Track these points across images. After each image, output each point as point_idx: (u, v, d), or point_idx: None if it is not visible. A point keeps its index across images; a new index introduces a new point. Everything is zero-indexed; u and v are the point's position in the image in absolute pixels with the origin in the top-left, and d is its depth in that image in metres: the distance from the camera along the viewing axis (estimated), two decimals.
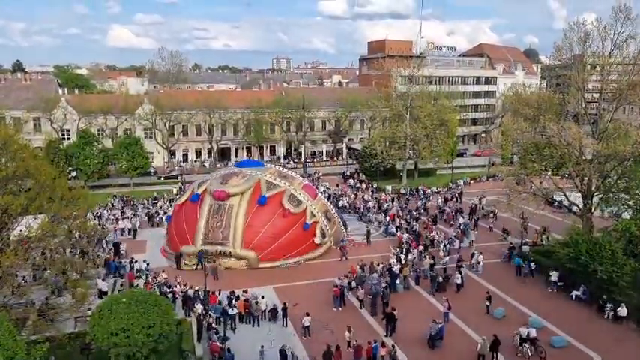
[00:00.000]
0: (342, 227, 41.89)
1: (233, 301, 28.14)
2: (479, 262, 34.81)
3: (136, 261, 35.09)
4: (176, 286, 30.45)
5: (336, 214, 41.67)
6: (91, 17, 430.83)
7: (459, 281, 32.02)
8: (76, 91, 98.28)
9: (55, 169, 30.92)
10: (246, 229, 35.50)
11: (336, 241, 39.42)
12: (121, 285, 32.03)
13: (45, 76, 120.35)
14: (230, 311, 27.14)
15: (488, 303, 28.89)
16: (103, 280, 31.77)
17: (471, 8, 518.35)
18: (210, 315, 26.67)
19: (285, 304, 28.03)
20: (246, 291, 29.38)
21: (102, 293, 29.83)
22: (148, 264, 34.66)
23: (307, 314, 26.28)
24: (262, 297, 28.51)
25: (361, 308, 29.52)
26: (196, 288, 29.73)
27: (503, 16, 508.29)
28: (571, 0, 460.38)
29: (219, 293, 29.20)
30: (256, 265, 35.06)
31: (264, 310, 28.01)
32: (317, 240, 37.43)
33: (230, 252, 35.04)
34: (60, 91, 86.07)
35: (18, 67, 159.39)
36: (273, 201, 36.84)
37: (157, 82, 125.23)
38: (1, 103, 70.42)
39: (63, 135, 72.94)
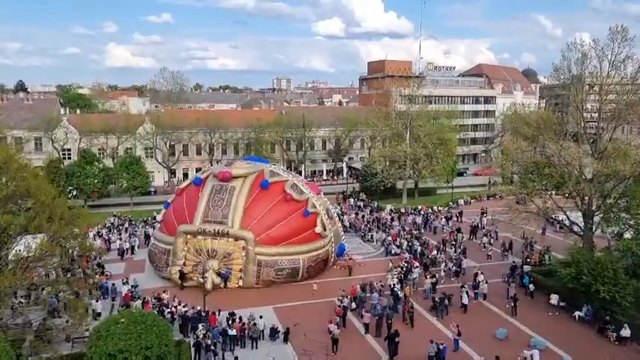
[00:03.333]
0: (342, 233, 41.98)
1: (231, 322, 27.78)
2: (480, 282, 34.51)
3: (126, 282, 34.34)
4: (175, 307, 30.13)
5: (336, 215, 41.44)
6: (89, 37, 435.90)
7: (465, 302, 31.71)
8: (78, 111, 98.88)
9: (55, 189, 30.92)
10: (247, 210, 35.57)
11: (336, 239, 39.06)
12: (121, 306, 31.66)
13: (47, 96, 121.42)
14: (229, 332, 26.83)
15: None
16: (97, 301, 31.29)
17: (468, 28, 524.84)
18: (208, 336, 26.32)
19: (288, 329, 27.71)
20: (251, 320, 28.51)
21: (96, 315, 29.47)
22: (137, 285, 33.99)
23: None
24: (260, 317, 28.11)
25: (366, 333, 28.69)
26: (198, 308, 29.36)
27: (499, 35, 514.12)
28: (565, 19, 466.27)
29: (219, 314, 28.93)
30: (253, 247, 34.42)
31: (263, 331, 27.66)
32: (318, 229, 37.00)
33: (228, 231, 34.75)
34: (62, 111, 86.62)
35: (20, 87, 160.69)
36: (276, 187, 37.33)
37: (159, 101, 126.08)
38: (3, 123, 70.67)
39: (64, 154, 73.12)
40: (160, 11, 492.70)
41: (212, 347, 25.53)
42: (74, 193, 60.38)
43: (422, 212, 57.52)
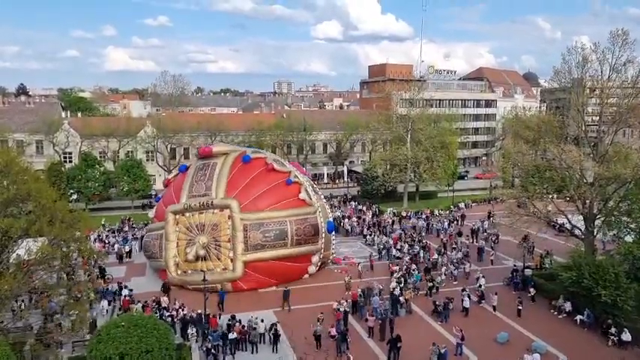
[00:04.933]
0: (329, 211, 42.39)
1: (232, 325, 27.71)
2: (480, 286, 34.44)
3: (124, 287, 34.19)
4: (175, 310, 30.09)
5: (321, 194, 41.58)
6: (89, 40, 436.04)
7: (467, 305, 31.66)
8: (79, 115, 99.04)
9: (56, 192, 30.90)
10: (230, 181, 36.16)
11: (324, 214, 38.63)
12: (120, 309, 31.63)
13: (48, 100, 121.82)
14: (230, 335, 26.77)
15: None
16: (98, 303, 31.27)
17: (467, 31, 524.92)
18: (208, 340, 26.28)
19: (272, 324, 27.45)
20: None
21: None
22: (131, 289, 33.79)
23: None
24: (262, 320, 28.05)
25: (369, 337, 28.64)
26: (199, 311, 29.28)
27: (499, 38, 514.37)
28: (564, 22, 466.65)
29: (220, 317, 28.89)
30: (238, 214, 34.33)
31: (263, 334, 27.58)
32: (302, 196, 36.89)
33: (212, 202, 35.07)
34: (63, 114, 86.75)
35: (21, 90, 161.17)
36: (258, 161, 38.43)
37: (160, 105, 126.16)
38: (4, 126, 70.79)
39: (65, 157, 73.21)
40: (157, 14, 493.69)
41: (212, 350, 25.50)
42: (75, 196, 60.39)
43: (424, 216, 57.36)
